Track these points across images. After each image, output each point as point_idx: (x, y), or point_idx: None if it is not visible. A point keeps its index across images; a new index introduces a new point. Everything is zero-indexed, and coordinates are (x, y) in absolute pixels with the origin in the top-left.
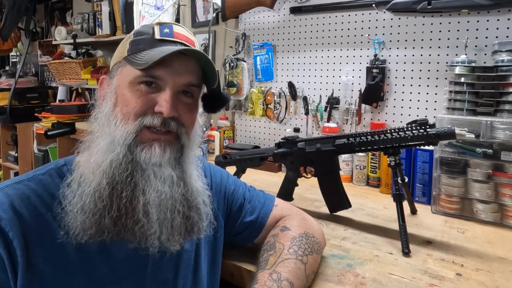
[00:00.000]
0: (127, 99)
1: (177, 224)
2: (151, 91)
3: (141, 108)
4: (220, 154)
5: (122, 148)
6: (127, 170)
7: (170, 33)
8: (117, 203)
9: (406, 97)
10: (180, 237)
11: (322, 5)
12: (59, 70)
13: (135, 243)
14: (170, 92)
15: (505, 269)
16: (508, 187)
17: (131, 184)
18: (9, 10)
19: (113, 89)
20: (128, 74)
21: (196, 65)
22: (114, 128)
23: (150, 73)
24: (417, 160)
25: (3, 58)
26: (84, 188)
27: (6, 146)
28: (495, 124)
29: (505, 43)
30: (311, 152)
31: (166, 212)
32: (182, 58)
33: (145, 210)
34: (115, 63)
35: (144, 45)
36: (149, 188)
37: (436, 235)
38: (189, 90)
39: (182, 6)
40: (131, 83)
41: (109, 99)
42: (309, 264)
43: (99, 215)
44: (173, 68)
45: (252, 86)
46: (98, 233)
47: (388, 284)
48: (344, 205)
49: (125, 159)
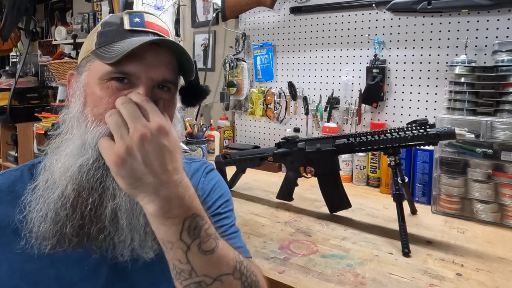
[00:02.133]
0: (98, 99)
1: (151, 229)
2: (123, 87)
3: (113, 107)
4: (220, 154)
5: (94, 152)
6: (97, 175)
7: (141, 22)
8: (81, 211)
9: (406, 97)
10: (155, 243)
11: (322, 5)
12: (59, 70)
13: (98, 253)
14: (144, 88)
15: (505, 269)
16: (508, 187)
17: (99, 189)
18: (9, 10)
19: (82, 87)
20: (97, 69)
21: (171, 56)
22: (84, 130)
23: (120, 68)
24: (417, 160)
25: (3, 58)
26: (49, 195)
27: (6, 146)
28: (495, 124)
29: (505, 43)
30: (311, 152)
31: (139, 217)
32: (156, 50)
33: (114, 216)
34: (83, 58)
35: (113, 37)
36: (119, 192)
37: (436, 235)
38: (165, 85)
39: (182, 6)
40: (101, 80)
41: (78, 98)
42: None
43: (61, 224)
44: (146, 61)
45: (252, 86)
46: (60, 243)
47: (388, 284)
48: (344, 205)
49: (95, 163)
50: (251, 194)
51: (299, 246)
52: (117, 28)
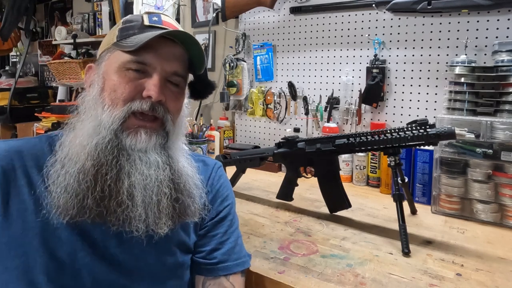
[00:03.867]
0: (115, 85)
1: (164, 206)
2: (139, 77)
3: (130, 94)
4: (220, 154)
5: (108, 132)
6: (113, 153)
7: (158, 21)
8: (101, 185)
9: (406, 97)
10: (169, 220)
11: (322, 5)
12: (59, 70)
13: (118, 226)
14: (158, 77)
15: (505, 269)
16: (508, 187)
17: (116, 166)
18: (9, 10)
19: (101, 74)
20: (117, 59)
21: (183, 53)
22: (101, 111)
23: (138, 58)
24: (417, 160)
25: (3, 58)
26: (68, 169)
27: None
28: (495, 124)
29: (505, 43)
30: (311, 152)
31: (152, 195)
32: (171, 45)
33: (130, 192)
34: (103, 50)
35: (133, 31)
36: (134, 171)
37: (436, 235)
38: (175, 81)
39: (182, 6)
40: (119, 68)
41: (97, 84)
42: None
43: (82, 196)
44: (161, 54)
45: (252, 86)
46: (80, 213)
47: (388, 284)
48: (344, 205)
49: (111, 143)
50: (251, 194)
51: (299, 246)
52: (138, 24)
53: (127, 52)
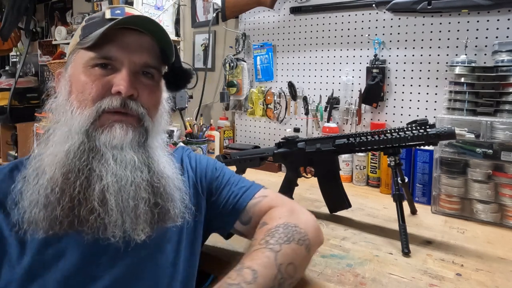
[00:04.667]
0: (82, 85)
1: (142, 212)
2: (107, 73)
3: (98, 92)
4: (220, 154)
5: (80, 135)
6: (83, 157)
7: (121, 13)
8: (69, 193)
9: (406, 97)
10: (147, 226)
11: (322, 5)
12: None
13: (92, 234)
14: (126, 70)
15: (505, 269)
16: (508, 187)
17: (86, 171)
18: (9, 10)
19: (67, 78)
20: (81, 58)
21: (152, 43)
22: (70, 116)
23: (102, 53)
24: (417, 160)
25: (3, 58)
26: (38, 181)
27: (6, 146)
28: (495, 124)
29: (505, 43)
30: (311, 152)
31: (128, 199)
32: (137, 35)
33: (102, 197)
34: (69, 53)
35: (95, 27)
36: (106, 174)
37: (436, 235)
38: (148, 71)
39: (182, 6)
40: (85, 67)
41: (63, 88)
42: (282, 253)
43: (52, 208)
44: (127, 46)
45: (252, 86)
46: (51, 226)
47: (388, 284)
48: (344, 205)
49: (81, 146)
50: None
51: None
52: (99, 19)
53: (90, 49)
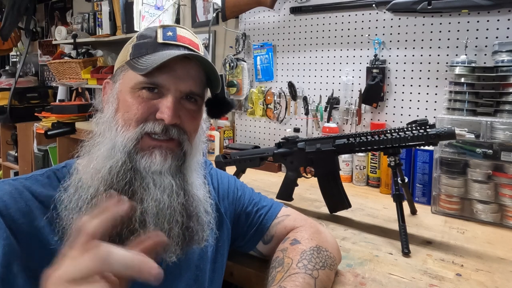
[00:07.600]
0: (129, 105)
1: (175, 234)
2: (153, 97)
3: (142, 115)
4: (220, 154)
5: (122, 155)
6: (126, 178)
7: (173, 36)
8: None
9: (406, 97)
10: (178, 248)
11: (322, 5)
12: (59, 70)
13: None
14: (172, 98)
15: (505, 269)
16: (508, 187)
17: (128, 192)
18: (9, 10)
19: (115, 94)
20: (130, 79)
21: (199, 70)
22: (115, 134)
23: (151, 79)
24: (417, 160)
25: (3, 58)
26: (81, 194)
27: (6, 146)
28: (495, 124)
29: (505, 43)
30: (311, 152)
31: (164, 222)
32: (185, 63)
33: (142, 219)
34: (118, 67)
35: (146, 49)
36: (147, 197)
37: (436, 235)
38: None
39: (182, 6)
40: (133, 89)
41: (111, 104)
42: (320, 279)
43: None
44: (175, 74)
45: (252, 86)
46: None
47: (388, 284)
48: (344, 205)
49: (124, 166)
50: None
51: None
52: (151, 41)
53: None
